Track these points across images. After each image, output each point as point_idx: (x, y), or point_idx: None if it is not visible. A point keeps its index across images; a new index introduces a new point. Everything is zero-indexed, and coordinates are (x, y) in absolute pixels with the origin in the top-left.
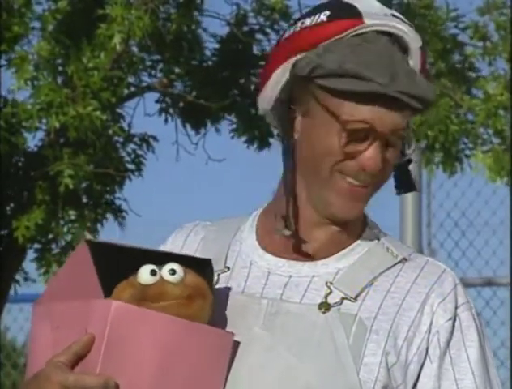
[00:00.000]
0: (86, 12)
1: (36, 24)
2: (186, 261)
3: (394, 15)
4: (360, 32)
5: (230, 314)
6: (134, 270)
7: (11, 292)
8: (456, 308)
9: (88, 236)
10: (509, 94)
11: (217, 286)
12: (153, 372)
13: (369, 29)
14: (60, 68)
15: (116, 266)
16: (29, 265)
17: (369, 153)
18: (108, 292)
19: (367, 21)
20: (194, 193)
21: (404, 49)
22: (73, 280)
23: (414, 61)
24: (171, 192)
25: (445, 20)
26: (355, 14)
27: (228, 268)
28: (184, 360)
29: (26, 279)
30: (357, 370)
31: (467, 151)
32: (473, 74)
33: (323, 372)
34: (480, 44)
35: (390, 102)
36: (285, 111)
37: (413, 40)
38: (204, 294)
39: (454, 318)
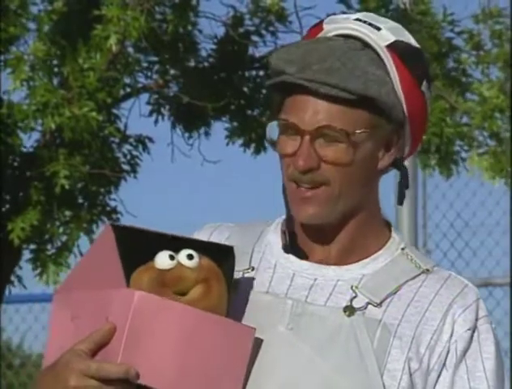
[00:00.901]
0: (81, 13)
1: (32, 25)
2: (204, 249)
3: (360, 19)
4: (326, 36)
5: (254, 312)
6: (151, 254)
7: (6, 292)
8: (476, 320)
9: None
10: (504, 97)
11: (241, 285)
12: (174, 362)
13: (330, 34)
14: (56, 69)
15: (134, 250)
16: (25, 266)
17: (299, 151)
18: (127, 277)
19: (325, 27)
20: (190, 194)
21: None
22: (95, 267)
23: (387, 61)
24: (166, 193)
25: (441, 23)
26: (320, 22)
27: (253, 268)
28: (205, 351)
29: (19, 281)
30: (381, 375)
31: (463, 154)
32: (467, 80)
33: (346, 371)
34: (474, 52)
35: (307, 93)
36: None
37: (375, 39)
38: (219, 277)
39: (474, 330)
